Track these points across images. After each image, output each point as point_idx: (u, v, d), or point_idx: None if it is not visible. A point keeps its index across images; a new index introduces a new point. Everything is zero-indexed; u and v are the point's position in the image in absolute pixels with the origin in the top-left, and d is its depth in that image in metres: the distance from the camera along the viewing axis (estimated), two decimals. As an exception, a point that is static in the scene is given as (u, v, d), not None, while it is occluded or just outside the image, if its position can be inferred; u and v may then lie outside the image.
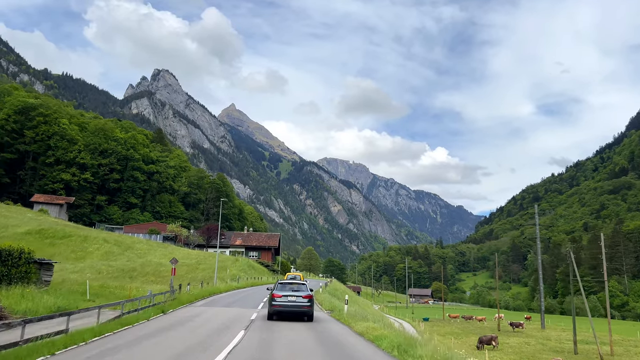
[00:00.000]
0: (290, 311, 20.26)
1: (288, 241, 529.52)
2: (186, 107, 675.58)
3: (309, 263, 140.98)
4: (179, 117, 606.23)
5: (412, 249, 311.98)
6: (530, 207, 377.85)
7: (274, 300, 20.17)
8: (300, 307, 20.17)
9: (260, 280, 50.54)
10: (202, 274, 40.70)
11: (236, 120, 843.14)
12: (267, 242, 77.24)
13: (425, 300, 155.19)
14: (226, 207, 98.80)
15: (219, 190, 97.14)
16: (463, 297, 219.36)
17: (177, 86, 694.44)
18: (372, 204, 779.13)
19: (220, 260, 47.42)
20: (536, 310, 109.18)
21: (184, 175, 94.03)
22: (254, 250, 76.11)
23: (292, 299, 20.16)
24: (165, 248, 51.51)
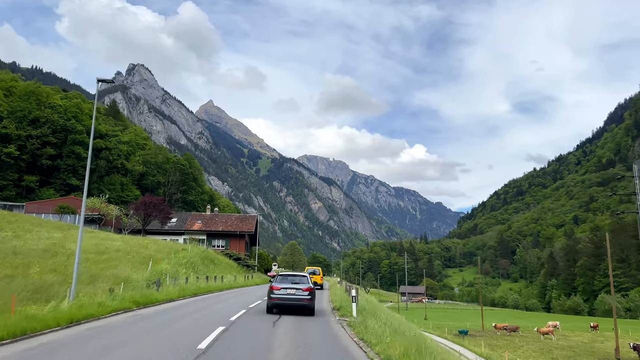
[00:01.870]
0: (290, 304, 18.93)
1: (268, 239, 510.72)
2: (162, 103, 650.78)
3: (292, 259, 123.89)
4: (154, 113, 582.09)
5: (397, 244, 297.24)
6: (514, 201, 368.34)
7: (272, 293, 18.86)
8: (301, 300, 18.80)
9: (224, 282, 31.88)
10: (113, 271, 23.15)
11: (214, 116, 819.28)
12: (239, 227, 57.23)
13: (419, 298, 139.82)
14: (193, 192, 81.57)
15: (185, 173, 79.65)
16: (453, 295, 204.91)
17: (152, 81, 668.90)
18: (352, 200, 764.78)
19: (155, 249, 30.24)
20: (555, 309, 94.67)
21: (140, 154, 76.15)
22: (220, 238, 56.47)
23: (291, 291, 18.89)
24: (63, 231, 31.92)
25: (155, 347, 9.94)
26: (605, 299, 79.93)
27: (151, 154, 77.51)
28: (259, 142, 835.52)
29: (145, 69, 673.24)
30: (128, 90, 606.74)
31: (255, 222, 61.66)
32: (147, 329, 12.86)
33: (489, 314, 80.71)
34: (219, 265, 39.06)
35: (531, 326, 49.25)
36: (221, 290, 28.43)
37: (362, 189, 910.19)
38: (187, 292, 22.72)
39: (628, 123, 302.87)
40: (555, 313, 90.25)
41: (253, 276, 46.25)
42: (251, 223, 59.98)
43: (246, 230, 57.56)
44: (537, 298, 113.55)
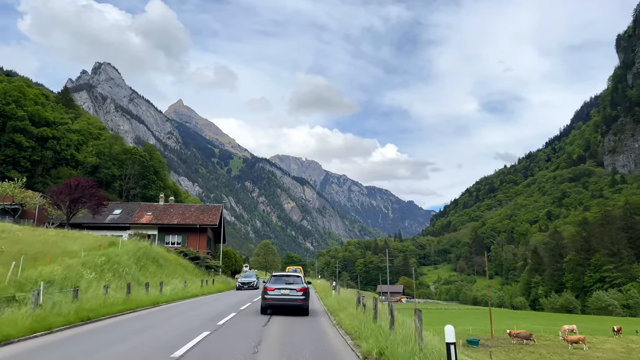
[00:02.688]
0: (284, 305, 18.71)
1: (240, 240, 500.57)
2: (130, 102, 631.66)
3: (265, 260, 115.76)
4: (121, 112, 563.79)
5: (371, 243, 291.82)
6: (487, 198, 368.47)
7: (266, 294, 18.73)
8: (295, 300, 18.66)
9: (162, 293, 22.38)
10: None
11: (184, 116, 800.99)
12: (199, 219, 47.29)
13: (397, 298, 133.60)
14: (154, 187, 72.84)
15: (145, 165, 70.94)
16: (430, 293, 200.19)
17: (120, 80, 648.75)
18: (325, 200, 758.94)
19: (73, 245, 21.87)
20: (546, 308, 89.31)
21: (94, 144, 67.19)
22: (175, 233, 46.20)
23: (285, 292, 18.70)
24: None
25: None
26: (601, 296, 75.16)
27: (106, 144, 68.45)
28: (230, 142, 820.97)
29: (112, 68, 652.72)
30: (94, 89, 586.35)
31: (220, 213, 50.78)
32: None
33: (477, 314, 74.68)
34: (165, 266, 29.18)
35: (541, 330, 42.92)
36: (145, 308, 18.74)
37: (334, 189, 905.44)
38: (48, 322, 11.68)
39: (597, 120, 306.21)
40: (547, 311, 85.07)
41: (215, 280, 37.45)
42: (215, 214, 48.94)
43: (208, 223, 47.09)
44: (522, 295, 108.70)
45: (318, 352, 10.26)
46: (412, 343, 8.85)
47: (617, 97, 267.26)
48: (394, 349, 8.64)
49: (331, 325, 16.28)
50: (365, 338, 10.90)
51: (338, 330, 14.60)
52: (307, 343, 11.39)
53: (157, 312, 18.00)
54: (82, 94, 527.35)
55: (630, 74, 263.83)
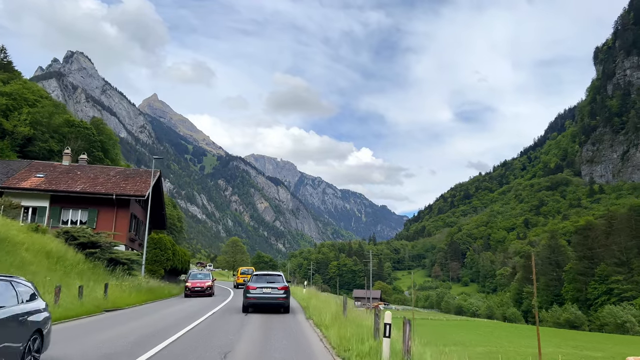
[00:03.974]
0: (266, 303, 19.38)
1: (211, 238, 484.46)
2: (102, 93, 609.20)
3: (233, 258, 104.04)
4: (92, 103, 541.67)
5: (345, 245, 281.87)
6: (461, 204, 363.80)
7: (248, 293, 19.32)
8: (276, 298, 19.34)
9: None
10: None
11: (158, 111, 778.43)
12: (120, 188, 32.35)
13: (375, 304, 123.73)
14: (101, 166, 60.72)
15: (92, 140, 58.67)
16: (405, 299, 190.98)
17: (92, 70, 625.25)
18: (299, 201, 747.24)
19: None
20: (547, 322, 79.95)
21: (29, 111, 54.73)
22: (79, 206, 31.27)
23: (267, 290, 19.35)
24: None
25: None
26: (615, 311, 65.95)
27: (44, 112, 55.95)
28: (205, 139, 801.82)
29: (84, 57, 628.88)
30: (64, 78, 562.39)
31: (155, 182, 34.56)
32: None
33: (474, 327, 64.82)
34: (7, 258, 15.58)
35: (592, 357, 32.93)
36: None
37: (309, 190, 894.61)
38: None
39: (574, 130, 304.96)
40: (547, 326, 75.88)
41: (134, 284, 24.09)
42: (145, 181, 33.16)
43: (133, 193, 31.64)
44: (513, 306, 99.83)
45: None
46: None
47: (596, 107, 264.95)
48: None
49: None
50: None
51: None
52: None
53: None
54: (51, 82, 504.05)
55: (611, 85, 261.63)
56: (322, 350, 10.65)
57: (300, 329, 14.46)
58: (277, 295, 19.23)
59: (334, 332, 12.07)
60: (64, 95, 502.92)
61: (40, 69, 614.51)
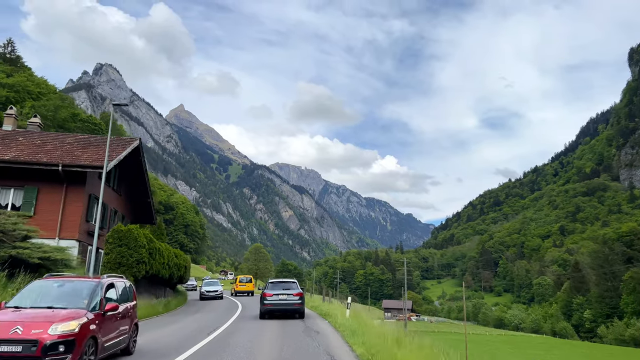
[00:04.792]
0: (282, 309, 19.92)
1: (236, 247, 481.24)
2: (130, 104, 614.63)
3: (256, 266, 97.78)
4: (120, 113, 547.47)
5: (372, 254, 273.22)
6: (491, 211, 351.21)
7: (265, 300, 19.79)
8: (292, 304, 19.89)
9: None
10: None
11: (184, 121, 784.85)
12: (73, 156, 22.35)
13: (407, 316, 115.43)
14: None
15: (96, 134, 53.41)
16: (436, 310, 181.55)
17: (121, 82, 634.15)
18: (323, 210, 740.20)
19: None
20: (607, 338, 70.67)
21: (30, 105, 49.63)
22: (11, 183, 21.16)
23: (283, 297, 19.88)
24: None
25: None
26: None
27: (49, 106, 50.93)
28: (230, 149, 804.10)
29: (113, 69, 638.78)
30: (93, 89, 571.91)
31: (132, 151, 25.81)
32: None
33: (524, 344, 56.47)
34: None
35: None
36: None
37: (333, 199, 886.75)
38: None
39: (610, 133, 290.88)
40: (609, 344, 66.71)
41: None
42: (114, 151, 23.20)
43: (90, 163, 21.68)
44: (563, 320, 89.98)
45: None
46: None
47: (635, 109, 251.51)
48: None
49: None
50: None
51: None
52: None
53: None
54: (80, 94, 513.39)
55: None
56: None
57: None
58: (292, 301, 19.85)
59: None
60: (92, 106, 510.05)
61: (71, 81, 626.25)
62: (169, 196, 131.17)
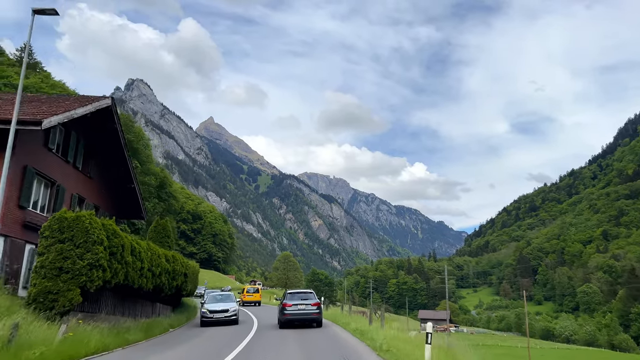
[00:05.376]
0: (301, 318, 20.35)
1: (266, 257, 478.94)
2: (161, 118, 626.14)
3: (285, 275, 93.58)
4: (151, 126, 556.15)
5: (404, 262, 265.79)
6: (527, 217, 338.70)
7: (285, 310, 20.22)
8: (310, 314, 20.34)
9: None
10: None
11: (214, 133, 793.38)
12: (6, 107, 16.77)
13: (443, 326, 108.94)
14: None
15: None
16: (474, 320, 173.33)
17: (152, 96, 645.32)
18: (353, 218, 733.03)
19: None
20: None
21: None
22: None
23: (301, 307, 20.28)
24: None
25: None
26: None
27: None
28: (259, 159, 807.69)
29: (144, 84, 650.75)
30: (125, 104, 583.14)
31: (105, 111, 20.40)
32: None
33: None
34: None
35: None
36: None
37: (362, 207, 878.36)
38: None
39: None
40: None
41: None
42: (68, 107, 16.87)
43: (21, 118, 14.91)
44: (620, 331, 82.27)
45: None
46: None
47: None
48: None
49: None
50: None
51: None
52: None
53: None
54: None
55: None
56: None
57: None
58: (311, 310, 20.20)
59: None
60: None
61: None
62: (196, 205, 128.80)
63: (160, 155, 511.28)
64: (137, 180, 25.25)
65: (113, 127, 21.87)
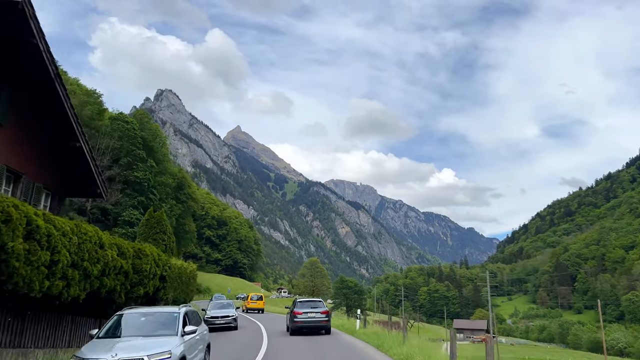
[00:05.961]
0: (311, 326, 21.17)
1: (294, 264, 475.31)
2: (189, 127, 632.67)
3: (312, 282, 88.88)
4: (180, 136, 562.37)
5: (435, 270, 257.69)
6: (562, 222, 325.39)
7: (295, 317, 20.98)
8: (319, 322, 21.18)
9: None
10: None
11: (242, 142, 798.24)
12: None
13: (481, 337, 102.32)
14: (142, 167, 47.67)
15: (131, 137, 46.31)
16: (511, 329, 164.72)
17: (180, 106, 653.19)
18: (380, 225, 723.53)
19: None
20: None
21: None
22: None
23: (312, 315, 21.07)
24: None
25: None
26: None
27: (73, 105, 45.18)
28: (286, 167, 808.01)
29: (173, 94, 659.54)
30: (154, 114, 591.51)
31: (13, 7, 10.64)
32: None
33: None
34: None
35: None
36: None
37: (390, 214, 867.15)
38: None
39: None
40: None
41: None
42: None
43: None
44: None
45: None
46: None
47: None
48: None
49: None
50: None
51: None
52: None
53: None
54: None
55: None
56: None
57: None
58: (320, 318, 21.12)
59: None
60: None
61: (134, 108, 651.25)
62: (221, 211, 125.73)
63: (188, 164, 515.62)
64: (85, 137, 16.44)
65: (32, 43, 12.65)
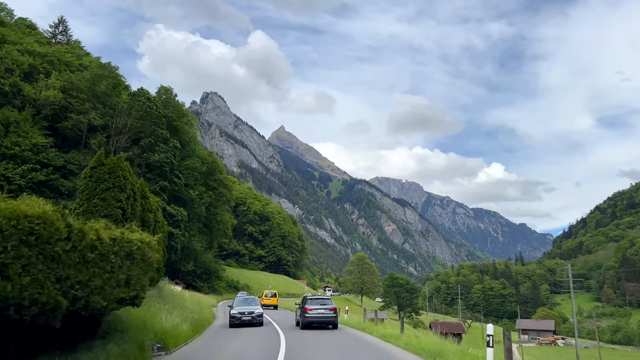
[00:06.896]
0: (320, 321, 23.19)
1: (340, 262, 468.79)
2: (235, 129, 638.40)
3: (361, 279, 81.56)
4: (225, 137, 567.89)
5: (488, 266, 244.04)
6: (626, 215, 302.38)
7: (306, 313, 23.03)
8: (328, 317, 23.27)
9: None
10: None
11: (286, 142, 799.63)
12: None
13: (548, 339, 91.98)
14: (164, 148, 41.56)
15: (153, 115, 40.54)
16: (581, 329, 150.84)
17: (225, 108, 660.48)
18: (428, 222, 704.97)
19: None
20: None
21: (59, 77, 38.41)
22: None
23: (321, 311, 23.19)
24: None
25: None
26: None
27: (84, 78, 39.03)
28: (330, 165, 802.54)
29: (218, 97, 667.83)
30: (200, 117, 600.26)
31: None
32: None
33: None
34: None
35: None
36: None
37: (437, 211, 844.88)
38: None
39: None
40: None
41: None
42: None
43: None
44: None
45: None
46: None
47: None
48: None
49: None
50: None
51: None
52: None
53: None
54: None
55: None
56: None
57: None
58: (329, 314, 23.23)
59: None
60: (200, 133, 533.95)
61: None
62: (263, 206, 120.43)
63: (234, 164, 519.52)
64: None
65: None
